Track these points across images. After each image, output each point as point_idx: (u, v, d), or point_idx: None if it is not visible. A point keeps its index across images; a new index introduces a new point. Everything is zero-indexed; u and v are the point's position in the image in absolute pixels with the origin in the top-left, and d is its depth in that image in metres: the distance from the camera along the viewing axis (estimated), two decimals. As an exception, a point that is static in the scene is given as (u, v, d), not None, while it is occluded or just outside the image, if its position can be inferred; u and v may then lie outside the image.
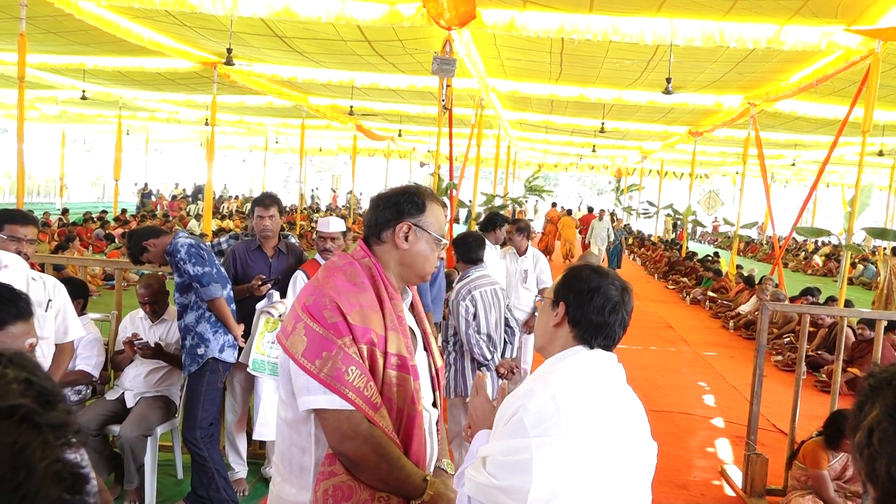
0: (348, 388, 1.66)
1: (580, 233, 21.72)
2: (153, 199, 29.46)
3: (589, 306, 1.63)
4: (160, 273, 4.39)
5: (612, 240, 17.54)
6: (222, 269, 3.84)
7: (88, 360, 3.99)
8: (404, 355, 1.78)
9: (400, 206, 1.87)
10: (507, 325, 4.34)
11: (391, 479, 1.72)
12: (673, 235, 26.53)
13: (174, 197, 31.04)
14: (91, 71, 12.16)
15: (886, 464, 0.56)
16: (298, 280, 4.01)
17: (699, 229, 30.93)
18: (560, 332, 1.67)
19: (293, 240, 4.68)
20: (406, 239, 1.86)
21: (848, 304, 8.06)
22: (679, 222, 22.34)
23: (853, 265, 19.72)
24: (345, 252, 1.94)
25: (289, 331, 1.73)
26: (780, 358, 8.87)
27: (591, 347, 1.64)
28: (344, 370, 1.66)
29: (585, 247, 22.83)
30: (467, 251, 4.22)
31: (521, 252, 6.07)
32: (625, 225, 27.19)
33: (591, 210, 25.28)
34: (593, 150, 20.64)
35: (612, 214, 20.69)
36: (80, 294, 4.05)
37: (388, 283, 1.85)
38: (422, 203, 1.88)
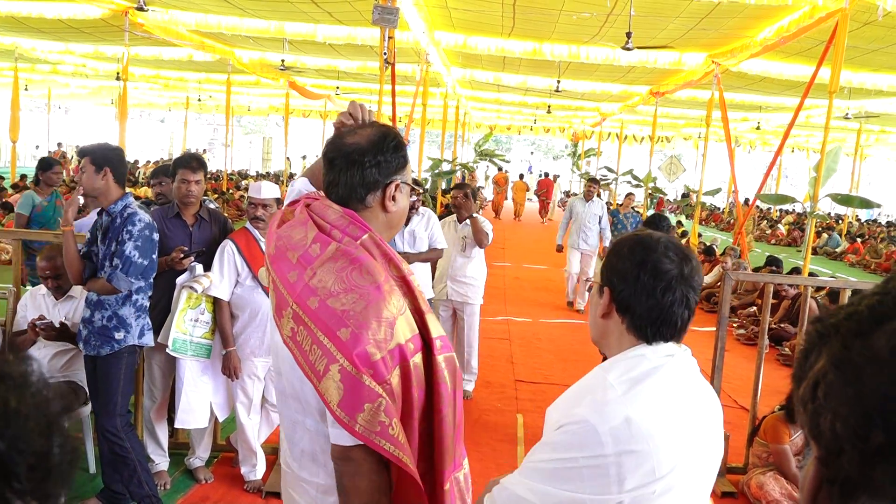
0: (389, 442, 1.50)
1: (539, 196, 26.25)
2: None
3: (636, 287, 1.42)
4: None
5: (603, 235, 10.03)
6: (156, 261, 3.61)
7: (-18, 343, 3.84)
8: (443, 334, 1.65)
9: (388, 162, 1.72)
10: None
11: None
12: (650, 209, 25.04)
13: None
14: (-21, 16, 11.54)
15: (831, 420, 0.55)
16: (226, 252, 3.92)
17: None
18: (611, 323, 1.48)
19: (213, 205, 4.57)
20: (394, 199, 1.74)
21: (812, 275, 8.37)
22: (654, 193, 21.13)
23: (818, 234, 20.47)
24: (333, 237, 1.66)
25: (319, 371, 1.52)
26: (742, 331, 9.17)
27: (650, 342, 1.45)
28: (388, 423, 1.50)
29: (542, 212, 23.70)
30: None
31: (461, 219, 6.07)
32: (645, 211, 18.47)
33: (547, 175, 25.52)
34: (548, 111, 20.72)
35: (629, 196, 12.09)
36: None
37: (395, 255, 1.67)
38: (405, 154, 1.76)
